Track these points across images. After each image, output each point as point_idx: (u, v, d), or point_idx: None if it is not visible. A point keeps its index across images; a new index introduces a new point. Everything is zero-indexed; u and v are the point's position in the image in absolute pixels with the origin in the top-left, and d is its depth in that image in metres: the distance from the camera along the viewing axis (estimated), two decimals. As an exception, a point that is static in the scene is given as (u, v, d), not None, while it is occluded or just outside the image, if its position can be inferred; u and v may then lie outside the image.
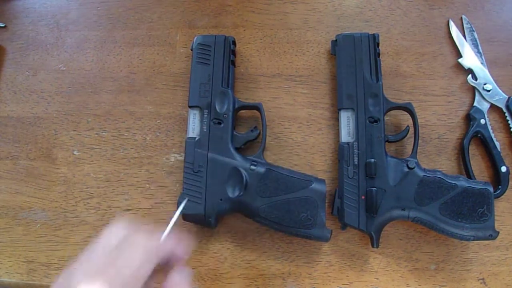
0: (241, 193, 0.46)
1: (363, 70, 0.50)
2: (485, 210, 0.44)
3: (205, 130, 0.49)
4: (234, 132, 0.50)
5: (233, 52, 0.53)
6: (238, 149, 0.49)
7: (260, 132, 0.50)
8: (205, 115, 0.49)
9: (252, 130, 0.50)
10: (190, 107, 0.50)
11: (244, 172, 0.47)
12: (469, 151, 0.50)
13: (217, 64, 0.51)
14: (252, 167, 0.47)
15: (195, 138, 0.49)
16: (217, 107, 0.49)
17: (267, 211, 0.45)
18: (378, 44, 0.51)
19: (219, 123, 0.49)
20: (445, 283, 0.48)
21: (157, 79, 0.56)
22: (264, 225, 0.47)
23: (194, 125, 0.49)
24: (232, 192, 0.47)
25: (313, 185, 0.46)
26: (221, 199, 0.46)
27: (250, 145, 0.51)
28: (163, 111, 0.55)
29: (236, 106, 0.50)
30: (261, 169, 0.47)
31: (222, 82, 0.50)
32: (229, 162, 0.47)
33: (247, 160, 0.48)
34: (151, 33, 0.58)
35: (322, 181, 0.47)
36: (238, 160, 0.47)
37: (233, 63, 0.53)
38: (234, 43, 0.54)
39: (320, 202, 0.45)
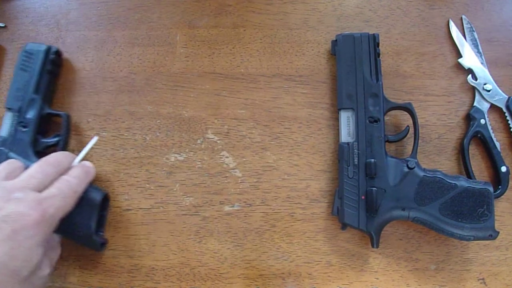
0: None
1: (363, 70, 0.50)
2: (485, 210, 0.44)
3: (12, 131, 0.51)
4: (39, 137, 0.52)
5: (55, 62, 0.55)
6: (38, 153, 0.51)
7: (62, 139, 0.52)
8: (16, 118, 0.52)
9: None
10: (6, 108, 0.52)
11: None
12: (469, 151, 0.50)
13: (34, 72, 0.53)
14: None
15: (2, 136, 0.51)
16: (27, 112, 0.52)
17: None
18: (378, 44, 0.51)
19: (24, 127, 0.51)
20: (445, 283, 0.48)
21: (157, 79, 0.56)
22: None
23: (6, 127, 0.51)
24: None
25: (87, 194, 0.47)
26: None
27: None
28: (163, 111, 0.55)
29: (44, 112, 0.52)
30: None
31: (36, 89, 0.52)
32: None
33: None
34: (151, 33, 0.58)
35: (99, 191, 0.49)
36: None
37: (51, 72, 0.54)
38: (57, 53, 0.55)
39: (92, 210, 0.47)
